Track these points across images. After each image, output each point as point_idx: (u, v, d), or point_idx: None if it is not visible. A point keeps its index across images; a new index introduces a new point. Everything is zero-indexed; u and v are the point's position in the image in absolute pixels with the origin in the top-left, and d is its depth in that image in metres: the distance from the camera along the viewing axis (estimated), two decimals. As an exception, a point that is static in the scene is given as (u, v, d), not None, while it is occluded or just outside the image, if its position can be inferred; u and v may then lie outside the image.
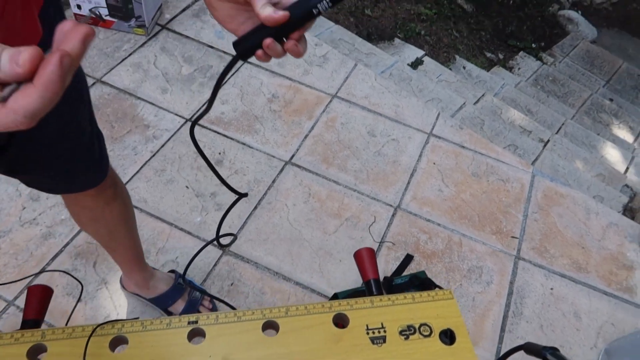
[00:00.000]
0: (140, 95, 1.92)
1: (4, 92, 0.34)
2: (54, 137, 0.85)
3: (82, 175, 0.95)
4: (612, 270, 1.74)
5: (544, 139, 2.60)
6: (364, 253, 0.86)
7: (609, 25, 5.05)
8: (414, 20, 3.26)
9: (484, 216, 1.81)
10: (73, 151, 0.89)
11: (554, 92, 3.64)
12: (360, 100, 2.09)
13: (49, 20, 0.75)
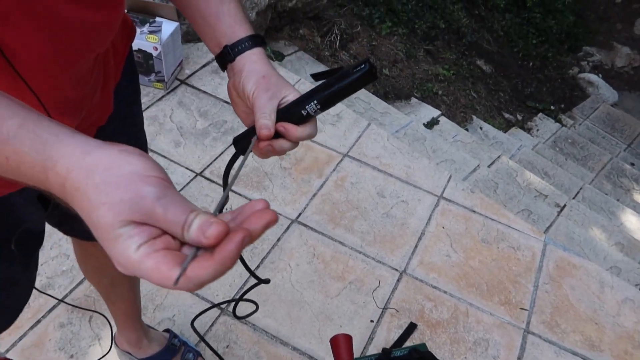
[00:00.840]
0: (153, 148, 1.96)
1: (185, 262, 0.38)
2: None
3: None
4: (627, 350, 1.65)
5: (560, 203, 2.54)
6: (340, 340, 0.84)
7: (631, 89, 5.04)
8: (431, 80, 3.30)
9: (492, 285, 1.76)
10: None
11: (572, 155, 3.60)
12: (372, 160, 2.10)
13: (121, 93, 0.80)
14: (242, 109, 0.66)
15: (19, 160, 0.40)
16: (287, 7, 2.81)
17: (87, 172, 0.39)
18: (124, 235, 0.38)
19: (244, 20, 0.66)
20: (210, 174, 1.92)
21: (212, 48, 0.67)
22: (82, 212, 0.40)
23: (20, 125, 0.40)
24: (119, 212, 0.38)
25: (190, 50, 2.36)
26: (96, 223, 0.38)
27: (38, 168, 0.40)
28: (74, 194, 0.39)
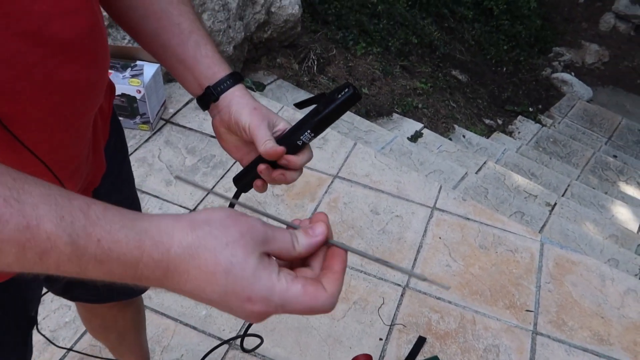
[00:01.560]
0: (145, 189, 1.96)
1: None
2: None
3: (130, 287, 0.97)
4: (636, 340, 1.67)
5: (551, 202, 2.58)
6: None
7: (603, 84, 5.17)
8: (410, 94, 3.36)
9: (495, 290, 1.77)
10: None
11: (556, 154, 3.67)
12: (362, 178, 2.12)
13: (111, 151, 0.80)
14: (233, 143, 0.68)
15: (111, 240, 0.38)
16: (262, 38, 2.86)
17: (191, 227, 0.40)
18: (260, 267, 0.40)
19: (221, 61, 0.68)
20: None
21: (192, 90, 0.69)
22: (199, 270, 0.39)
23: (105, 207, 0.39)
24: (245, 245, 0.39)
25: (172, 89, 2.38)
26: (227, 264, 0.39)
27: (132, 244, 0.38)
28: (185, 259, 0.39)
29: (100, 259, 0.38)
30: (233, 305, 0.40)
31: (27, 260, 0.36)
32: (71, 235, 0.37)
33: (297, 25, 3.00)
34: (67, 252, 0.37)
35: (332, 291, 0.42)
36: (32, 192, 0.37)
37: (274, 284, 0.40)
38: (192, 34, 0.66)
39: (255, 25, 2.74)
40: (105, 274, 0.39)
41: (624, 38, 5.61)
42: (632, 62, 5.38)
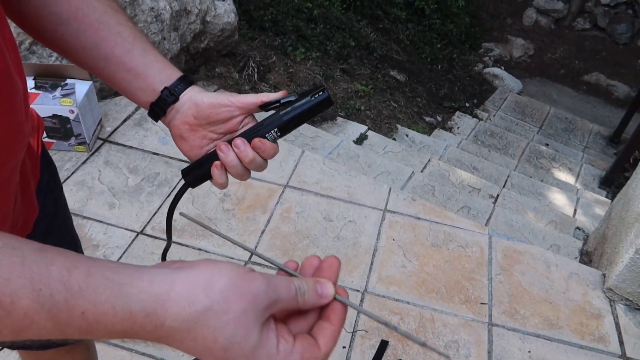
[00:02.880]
0: (86, 214, 1.86)
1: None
2: None
3: None
4: (582, 321, 1.76)
5: (494, 194, 2.68)
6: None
7: (531, 76, 5.45)
8: (352, 97, 3.39)
9: (450, 286, 1.81)
10: None
11: (494, 146, 3.82)
12: (312, 186, 2.11)
13: (44, 190, 0.74)
14: (197, 141, 0.65)
15: (97, 313, 0.35)
16: (199, 48, 2.80)
17: (188, 300, 0.37)
18: (260, 344, 0.39)
19: (170, 64, 0.66)
20: (152, 230, 1.85)
21: (143, 98, 0.65)
22: (195, 342, 0.37)
23: (87, 273, 0.36)
24: (247, 322, 0.38)
25: (107, 106, 2.28)
26: (227, 343, 0.38)
27: (121, 316, 0.36)
28: (180, 330, 0.37)
29: (86, 330, 0.36)
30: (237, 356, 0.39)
31: (2, 336, 0.34)
32: (51, 311, 0.34)
33: (234, 33, 2.95)
34: (48, 327, 0.34)
35: (326, 350, 0.42)
36: (1, 262, 0.33)
37: (272, 357, 0.39)
38: (135, 41, 0.64)
39: (191, 35, 2.67)
40: (91, 338, 0.37)
41: (546, 31, 5.94)
42: (554, 53, 5.71)
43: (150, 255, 1.77)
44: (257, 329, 0.39)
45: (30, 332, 0.34)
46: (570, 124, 4.61)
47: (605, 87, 5.33)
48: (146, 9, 2.31)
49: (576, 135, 4.48)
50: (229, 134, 0.65)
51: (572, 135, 4.48)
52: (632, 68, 5.56)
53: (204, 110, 0.63)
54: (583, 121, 4.68)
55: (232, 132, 0.64)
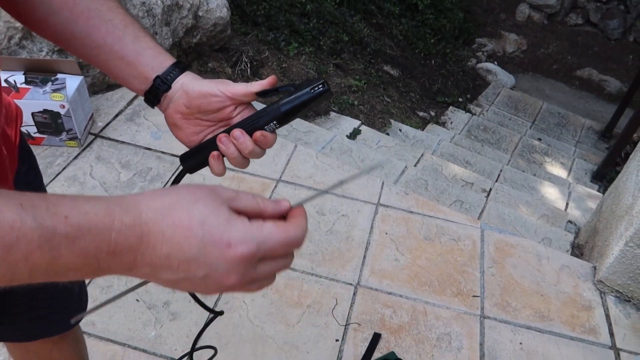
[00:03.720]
0: (78, 209, 1.86)
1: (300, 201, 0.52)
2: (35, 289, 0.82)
3: (62, 321, 0.91)
4: (573, 313, 1.77)
5: (486, 188, 2.69)
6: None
7: (524, 71, 5.47)
8: (345, 92, 3.39)
9: (442, 279, 1.82)
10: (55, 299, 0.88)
11: (487, 141, 3.84)
12: (305, 180, 2.11)
13: (23, 180, 0.74)
14: (192, 129, 0.65)
15: (78, 213, 0.37)
16: (191, 43, 2.79)
17: (156, 194, 0.42)
18: (233, 215, 0.42)
19: (163, 50, 0.65)
20: (144, 225, 1.84)
21: (137, 86, 0.65)
22: (174, 227, 0.40)
23: (61, 194, 0.39)
24: (214, 199, 0.42)
25: (99, 101, 2.27)
26: (202, 216, 0.41)
27: (102, 213, 0.38)
28: (157, 221, 0.40)
29: (72, 236, 0.36)
30: (213, 258, 0.40)
31: None
32: (36, 218, 0.35)
33: (226, 28, 2.94)
34: (35, 238, 0.34)
35: (300, 224, 0.46)
36: None
37: (248, 226, 0.42)
38: (127, 28, 0.63)
39: (183, 30, 2.66)
40: (79, 255, 0.37)
41: (539, 27, 5.96)
42: (547, 49, 5.73)
43: (142, 250, 1.77)
44: (225, 208, 0.42)
45: (19, 247, 0.34)
46: (562, 118, 4.63)
47: (597, 82, 5.36)
48: (137, 4, 2.29)
49: (568, 130, 4.50)
50: (224, 121, 0.64)
51: (564, 130, 4.50)
52: (624, 63, 5.59)
53: (194, 100, 0.62)
54: (575, 116, 4.70)
55: (227, 120, 0.64)
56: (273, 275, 0.46)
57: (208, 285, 0.42)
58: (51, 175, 1.96)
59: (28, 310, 0.83)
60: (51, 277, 0.37)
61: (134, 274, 0.41)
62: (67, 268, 0.37)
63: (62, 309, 0.89)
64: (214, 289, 0.43)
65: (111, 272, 0.40)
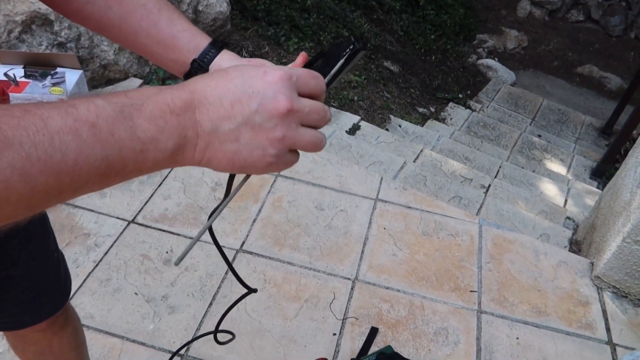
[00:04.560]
0: (77, 203, 1.86)
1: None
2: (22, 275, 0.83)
3: (48, 302, 0.92)
4: (569, 309, 1.78)
5: (485, 184, 2.70)
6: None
7: (525, 67, 5.46)
8: (345, 88, 3.39)
9: (440, 274, 1.83)
10: (42, 283, 0.89)
11: (487, 137, 3.84)
12: (304, 175, 2.12)
13: None
14: None
15: (134, 94, 0.41)
16: (191, 37, 2.78)
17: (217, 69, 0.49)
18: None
19: (199, 30, 0.65)
20: (143, 219, 1.85)
21: (176, 69, 0.66)
22: (215, 80, 0.44)
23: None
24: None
25: (98, 95, 2.27)
26: (235, 68, 0.46)
27: (153, 89, 0.42)
28: (197, 79, 0.45)
29: (138, 104, 0.40)
30: (258, 86, 0.44)
31: (83, 142, 0.37)
32: (104, 99, 0.39)
33: (226, 23, 2.94)
34: (110, 113, 0.39)
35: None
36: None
37: (281, 67, 0.47)
38: (161, 12, 0.63)
39: (183, 24, 2.65)
40: (150, 120, 0.40)
41: (540, 23, 5.94)
42: (548, 45, 5.72)
43: (141, 243, 1.77)
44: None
45: (104, 127, 0.38)
46: (562, 115, 4.63)
47: (598, 79, 5.35)
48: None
49: (568, 127, 4.50)
50: None
51: (564, 126, 4.50)
52: (625, 60, 5.58)
53: None
54: (576, 113, 4.70)
55: None
56: (316, 113, 0.47)
57: (265, 124, 0.44)
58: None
59: (15, 296, 0.84)
60: (137, 154, 0.40)
61: (202, 140, 0.43)
62: (147, 139, 0.40)
63: (48, 294, 0.90)
64: (271, 125, 0.44)
65: (182, 141, 0.42)
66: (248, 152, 0.44)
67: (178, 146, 0.42)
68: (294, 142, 0.46)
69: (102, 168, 0.38)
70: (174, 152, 0.42)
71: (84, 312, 1.56)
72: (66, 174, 0.36)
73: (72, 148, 0.36)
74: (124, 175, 0.41)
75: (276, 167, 0.47)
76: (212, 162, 0.45)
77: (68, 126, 0.36)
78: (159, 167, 0.43)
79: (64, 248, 1.72)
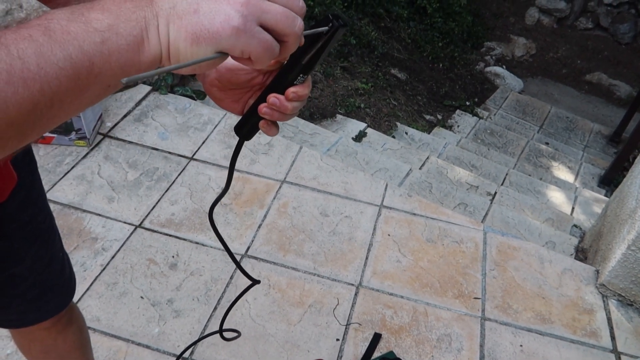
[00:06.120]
0: (86, 207, 1.89)
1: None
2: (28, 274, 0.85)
3: (53, 301, 0.94)
4: (574, 316, 1.77)
5: (491, 192, 2.70)
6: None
7: (533, 75, 5.45)
8: (352, 95, 3.41)
9: (444, 281, 1.83)
10: (47, 282, 0.90)
11: (494, 144, 3.83)
12: (309, 182, 2.14)
13: (20, 162, 0.77)
14: (231, 97, 0.66)
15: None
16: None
17: None
18: None
19: None
20: (150, 223, 1.88)
21: None
22: None
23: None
24: None
25: (108, 102, 2.31)
26: None
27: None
28: None
29: (89, 4, 0.40)
30: None
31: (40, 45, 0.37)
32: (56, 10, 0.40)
33: (234, 31, 2.97)
34: (60, 14, 0.39)
35: None
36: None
37: None
38: None
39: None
40: (100, 10, 0.40)
41: (548, 31, 5.93)
42: (556, 53, 5.71)
43: (148, 248, 1.80)
44: None
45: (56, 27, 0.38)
46: (571, 123, 4.61)
47: (607, 86, 5.33)
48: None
49: (577, 135, 4.48)
50: (258, 86, 0.64)
51: (572, 134, 4.48)
52: (635, 68, 5.55)
53: (224, 75, 0.63)
54: (584, 120, 4.68)
55: (261, 85, 0.64)
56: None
57: None
58: (60, 173, 1.99)
59: (20, 294, 0.86)
60: (99, 46, 0.39)
61: (162, 19, 0.42)
62: (104, 28, 0.39)
63: (53, 292, 0.92)
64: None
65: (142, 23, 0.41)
66: (209, 20, 0.42)
67: (140, 30, 0.41)
68: (261, 8, 0.43)
69: (67, 69, 0.38)
70: (137, 39, 0.41)
71: (90, 315, 1.58)
72: (33, 80, 0.36)
73: (30, 52, 0.36)
74: (97, 75, 0.40)
75: (247, 39, 0.43)
76: (178, 43, 0.42)
77: (21, 35, 0.36)
78: (130, 64, 0.41)
79: (72, 252, 1.75)
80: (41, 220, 0.86)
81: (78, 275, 1.68)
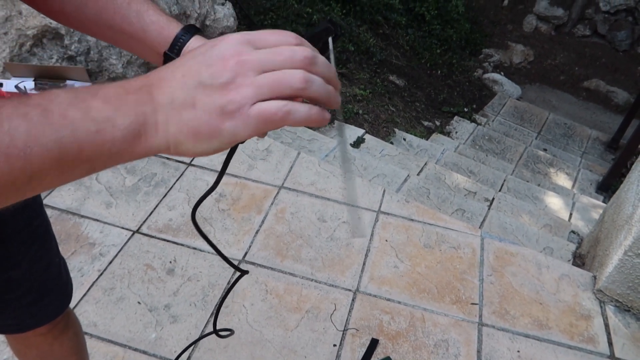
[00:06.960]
0: (83, 213, 1.90)
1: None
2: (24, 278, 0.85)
3: (49, 306, 0.94)
4: (571, 322, 1.77)
5: (489, 197, 2.70)
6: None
7: (531, 82, 5.47)
8: (350, 101, 3.42)
9: (441, 286, 1.83)
10: (43, 286, 0.90)
11: (492, 151, 3.84)
12: (307, 187, 2.14)
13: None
14: None
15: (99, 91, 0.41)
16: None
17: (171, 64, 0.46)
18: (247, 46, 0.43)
19: (169, 20, 0.64)
20: (148, 229, 1.88)
21: (154, 61, 0.65)
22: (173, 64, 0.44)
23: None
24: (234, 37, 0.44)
25: (106, 108, 2.32)
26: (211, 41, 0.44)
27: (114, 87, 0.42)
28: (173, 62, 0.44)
29: (94, 89, 0.41)
30: (205, 51, 0.43)
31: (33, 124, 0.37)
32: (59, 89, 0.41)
33: (233, 37, 2.99)
34: (65, 98, 0.39)
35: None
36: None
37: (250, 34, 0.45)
38: (130, 5, 0.63)
39: (190, 39, 2.70)
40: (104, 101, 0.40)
41: (546, 38, 5.97)
42: (554, 60, 5.73)
43: (145, 253, 1.80)
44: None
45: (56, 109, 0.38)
46: (568, 129, 4.63)
47: (604, 93, 5.35)
48: (146, 13, 2.34)
49: (574, 141, 4.49)
50: None
51: (570, 140, 4.49)
52: (632, 74, 5.57)
53: None
54: (582, 127, 4.69)
55: None
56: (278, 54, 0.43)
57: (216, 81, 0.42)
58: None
59: (16, 298, 0.86)
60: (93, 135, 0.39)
61: (161, 115, 0.42)
62: (102, 119, 0.39)
63: (50, 297, 0.92)
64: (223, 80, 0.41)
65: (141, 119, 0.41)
66: (207, 115, 0.41)
67: (137, 124, 0.41)
68: (254, 89, 0.42)
69: (55, 151, 0.37)
70: (134, 132, 0.40)
71: (87, 321, 1.58)
72: (17, 158, 0.36)
73: (22, 131, 0.36)
74: (83, 161, 0.39)
75: (245, 126, 0.42)
76: (179, 139, 0.42)
77: (19, 112, 0.36)
78: (122, 154, 0.41)
79: (70, 257, 1.75)
80: (37, 225, 0.86)
81: (75, 281, 1.68)
